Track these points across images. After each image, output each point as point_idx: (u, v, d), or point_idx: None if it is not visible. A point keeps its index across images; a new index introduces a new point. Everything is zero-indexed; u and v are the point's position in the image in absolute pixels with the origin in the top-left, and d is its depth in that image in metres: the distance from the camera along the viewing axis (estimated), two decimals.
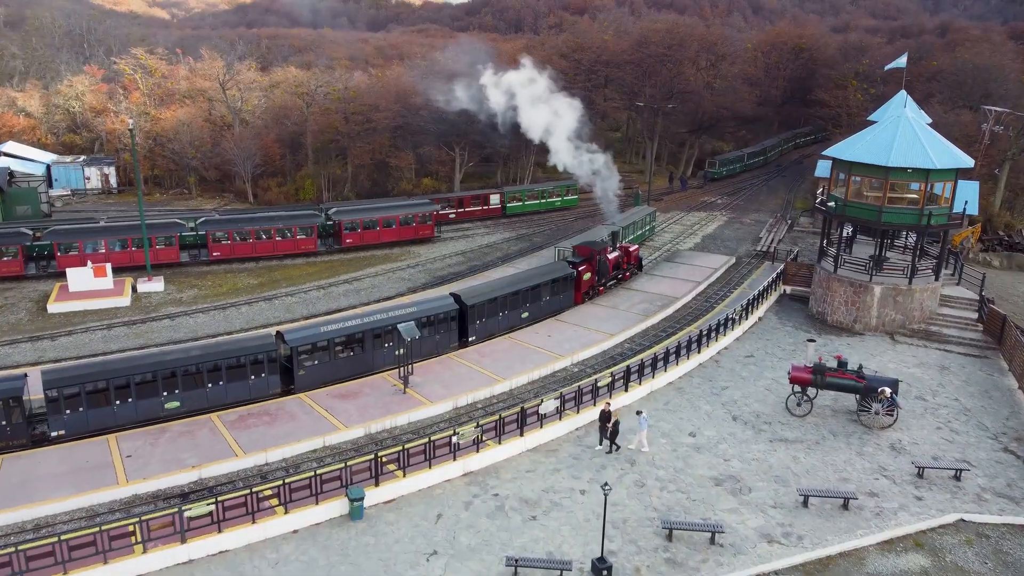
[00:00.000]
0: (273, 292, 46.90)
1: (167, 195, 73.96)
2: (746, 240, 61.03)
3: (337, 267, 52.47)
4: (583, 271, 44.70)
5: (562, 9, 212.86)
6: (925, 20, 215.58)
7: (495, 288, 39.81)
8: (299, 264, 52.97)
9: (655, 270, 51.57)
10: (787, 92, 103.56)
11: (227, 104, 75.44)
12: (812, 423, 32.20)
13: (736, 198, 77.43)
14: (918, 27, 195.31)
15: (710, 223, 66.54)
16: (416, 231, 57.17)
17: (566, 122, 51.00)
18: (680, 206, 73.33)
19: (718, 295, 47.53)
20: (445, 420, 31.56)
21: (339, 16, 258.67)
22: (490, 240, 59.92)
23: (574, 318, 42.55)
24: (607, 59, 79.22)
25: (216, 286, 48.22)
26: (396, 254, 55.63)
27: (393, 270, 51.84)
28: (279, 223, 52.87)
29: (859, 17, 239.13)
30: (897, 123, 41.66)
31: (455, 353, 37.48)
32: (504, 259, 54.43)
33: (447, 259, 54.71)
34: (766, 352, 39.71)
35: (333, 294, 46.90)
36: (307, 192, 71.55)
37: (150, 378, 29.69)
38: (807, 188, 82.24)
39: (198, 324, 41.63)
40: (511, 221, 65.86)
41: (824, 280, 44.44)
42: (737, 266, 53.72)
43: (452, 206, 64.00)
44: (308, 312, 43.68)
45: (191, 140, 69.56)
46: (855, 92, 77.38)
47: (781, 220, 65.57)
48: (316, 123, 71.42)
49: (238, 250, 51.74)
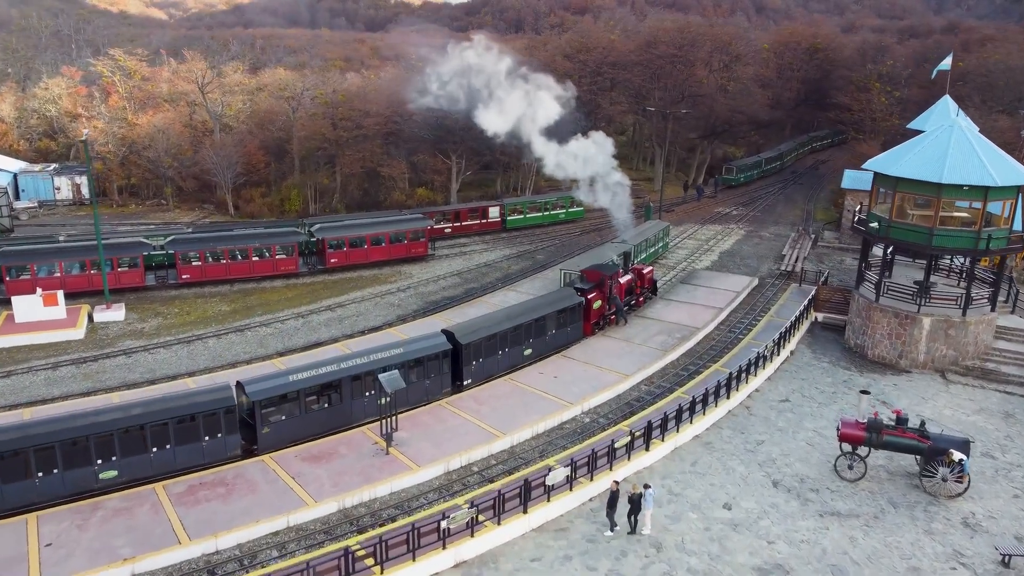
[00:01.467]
0: (246, 321, 41.98)
1: (143, 206, 69.07)
2: (767, 257, 56.08)
3: (319, 290, 47.56)
4: (593, 299, 39.79)
5: (563, 9, 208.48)
6: (932, 20, 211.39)
7: (493, 322, 34.88)
8: (278, 287, 48.05)
9: (671, 294, 46.65)
10: (800, 94, 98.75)
11: (207, 108, 70.48)
12: (866, 490, 27.29)
13: (752, 209, 72.51)
14: (926, 27, 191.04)
15: (727, 237, 61.59)
16: (408, 249, 52.25)
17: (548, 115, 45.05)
18: (693, 218, 68.38)
19: (743, 324, 42.61)
20: (435, 489, 26.65)
21: (337, 16, 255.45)
22: (489, 258, 55.00)
23: (583, 354, 37.62)
24: (614, 60, 74.34)
25: (183, 314, 43.31)
26: (386, 275, 50.71)
27: (381, 294, 46.92)
28: (256, 242, 47.97)
29: (864, 16, 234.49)
30: (949, 133, 36.76)
31: (447, 400, 32.56)
32: (504, 281, 49.53)
33: (441, 280, 49.80)
34: (803, 395, 34.80)
35: (313, 323, 41.99)
36: (293, 203, 66.66)
37: (81, 443, 24.79)
38: (827, 197, 77.48)
39: (157, 362, 36.70)
40: (512, 236, 60.95)
41: (864, 309, 39.53)
42: (761, 288, 48.82)
43: (448, 220, 59.10)
44: (283, 346, 38.78)
45: (167, 147, 64.63)
46: (879, 95, 72.47)
47: (804, 234, 60.65)
48: (303, 129, 66.54)
49: (210, 272, 46.85)
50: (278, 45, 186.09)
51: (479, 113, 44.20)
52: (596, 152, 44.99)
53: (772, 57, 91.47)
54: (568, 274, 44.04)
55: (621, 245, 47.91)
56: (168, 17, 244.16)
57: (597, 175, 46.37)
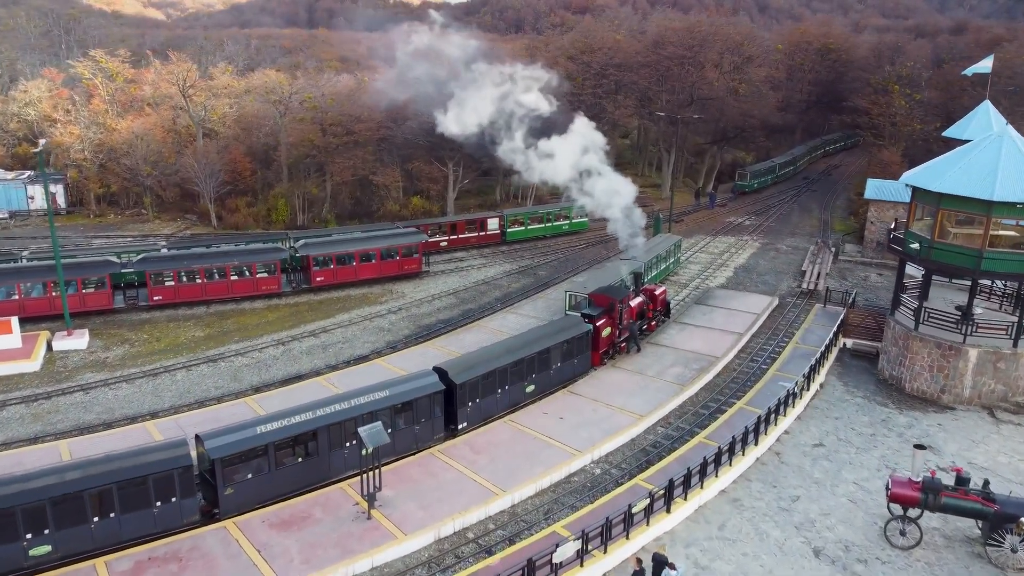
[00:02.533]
0: (220, 350, 38.23)
1: (123, 216, 65.38)
2: (786, 273, 52.34)
3: (303, 312, 43.83)
4: (602, 326, 36.07)
5: (563, 8, 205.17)
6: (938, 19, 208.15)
7: (492, 357, 31.13)
8: (258, 309, 44.31)
9: (686, 317, 42.90)
10: (812, 96, 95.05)
11: (189, 113, 66.73)
12: (922, 560, 23.56)
13: (766, 218, 68.74)
14: (933, 26, 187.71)
15: (741, 251, 57.81)
16: (400, 266, 48.50)
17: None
18: (704, 229, 64.62)
19: (766, 352, 38.87)
20: (423, 563, 22.90)
21: (336, 16, 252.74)
22: (487, 274, 51.25)
23: (592, 389, 33.88)
24: (620, 61, 70.57)
25: (153, 340, 39.57)
26: (376, 294, 46.97)
27: (371, 316, 43.18)
28: (235, 259, 44.23)
29: (869, 16, 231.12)
30: (999, 145, 33.01)
31: (440, 448, 28.82)
32: (504, 301, 45.83)
33: (436, 301, 46.06)
34: (838, 438, 31.06)
35: (294, 352, 38.23)
36: (280, 213, 62.95)
37: (6, 515, 21.06)
38: (844, 206, 73.82)
39: (118, 399, 32.96)
40: (512, 249, 57.21)
41: (901, 338, 35.79)
42: (782, 309, 45.08)
43: (443, 232, 55.37)
44: (259, 380, 35.03)
45: (146, 154, 60.88)
46: (898, 98, 68.72)
47: (824, 247, 56.89)
48: (291, 135, 62.81)
49: (184, 293, 43.12)
50: (273, 46, 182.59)
51: (440, 115, 40.27)
52: (576, 151, 40.90)
53: (783, 58, 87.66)
54: (574, 296, 40.31)
55: (631, 263, 44.14)
56: (166, 17, 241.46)
57: (586, 177, 42.72)
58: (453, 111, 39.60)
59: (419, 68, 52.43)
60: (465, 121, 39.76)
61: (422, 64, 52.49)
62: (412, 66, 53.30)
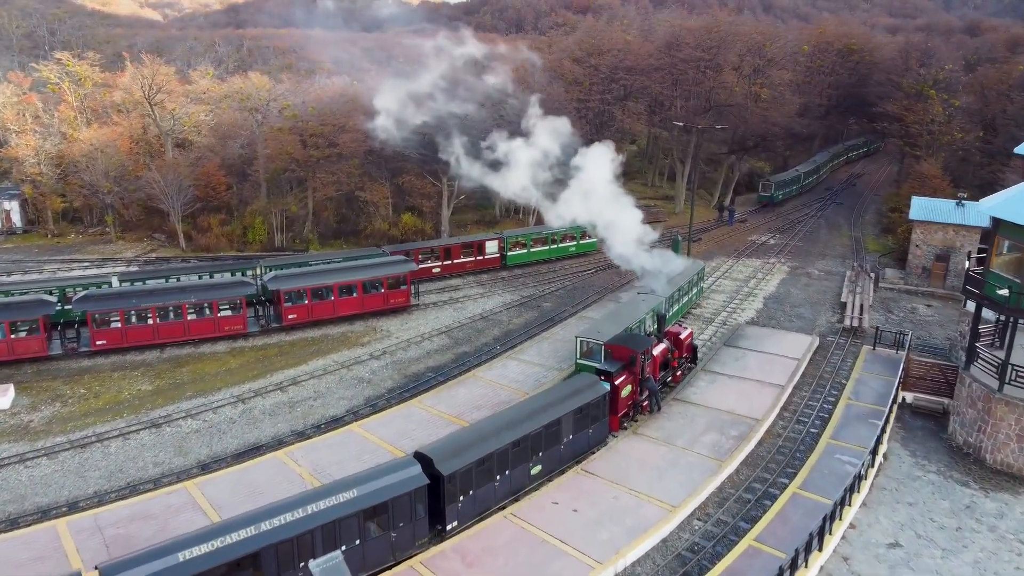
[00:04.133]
0: (168, 409, 32.26)
1: (85, 236, 59.48)
2: (823, 305, 46.34)
3: (272, 357, 37.86)
4: (621, 384, 30.14)
5: (564, 8, 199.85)
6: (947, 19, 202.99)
7: (488, 434, 25.14)
8: (220, 353, 38.33)
9: (715, 363, 36.89)
10: (831, 100, 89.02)
11: (156, 122, 60.77)
12: None
13: (792, 236, 62.69)
14: (945, 25, 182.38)
15: (769, 276, 51.80)
16: (385, 299, 42.54)
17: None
18: (725, 249, 58.60)
19: (813, 411, 32.88)
20: None
21: (334, 16, 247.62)
22: (485, 307, 45.27)
23: (611, 466, 27.88)
24: (630, 64, 64.60)
25: (91, 396, 33.62)
26: (357, 333, 40.99)
27: (349, 362, 37.19)
28: (193, 295, 38.25)
29: (876, 15, 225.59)
30: None
31: (423, 558, 22.83)
32: (504, 342, 39.88)
33: (426, 341, 40.08)
34: (917, 535, 25.07)
35: (255, 412, 32.25)
36: (257, 232, 57.00)
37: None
38: (874, 221, 67.84)
39: (33, 483, 26.99)
40: (513, 275, 51.23)
41: (980, 399, 29.83)
42: (824, 351, 39.11)
43: (436, 257, 49.40)
44: (208, 453, 29.08)
45: (107, 168, 54.92)
46: (936, 104, 62.70)
47: (862, 273, 50.89)
48: (268, 146, 56.86)
49: (133, 336, 37.17)
50: (267, 46, 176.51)
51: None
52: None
53: (806, 60, 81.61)
54: (586, 343, 34.30)
55: (651, 299, 38.26)
56: (163, 18, 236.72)
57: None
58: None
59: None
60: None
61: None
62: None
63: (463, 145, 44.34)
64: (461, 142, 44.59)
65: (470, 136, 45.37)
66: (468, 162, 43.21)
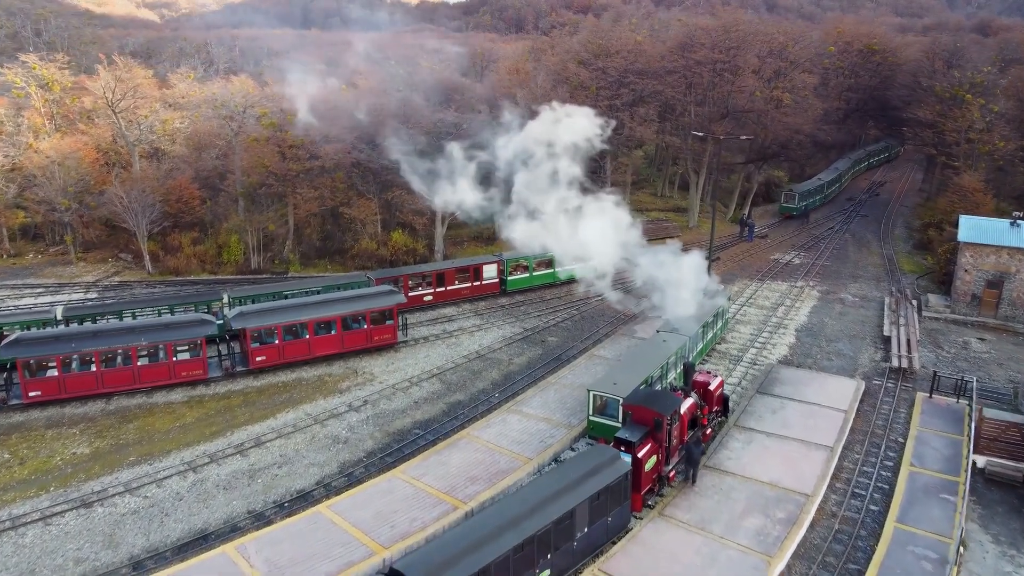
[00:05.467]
0: (105, 481, 27.13)
1: (45, 255, 54.34)
2: (863, 338, 41.17)
3: (235, 408, 32.71)
4: (646, 455, 25.02)
5: (564, 8, 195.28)
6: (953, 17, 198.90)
7: (483, 539, 19.98)
8: (176, 404, 33.17)
9: (749, 416, 31.72)
10: (850, 104, 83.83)
11: (120, 132, 55.61)
12: None
13: (818, 254, 57.46)
14: (954, 24, 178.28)
15: (798, 303, 46.63)
16: (369, 336, 37.37)
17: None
18: (747, 270, 53.39)
19: (869, 479, 27.73)
20: None
21: (332, 16, 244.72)
22: (483, 342, 40.11)
23: (635, 567, 22.67)
24: (642, 67, 59.44)
25: (14, 463, 28.46)
26: (335, 377, 35.82)
27: (324, 415, 32.03)
28: (144, 337, 33.08)
29: (882, 14, 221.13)
30: None
31: None
32: (504, 388, 34.76)
33: (414, 387, 34.92)
34: None
35: (208, 484, 27.10)
36: (232, 252, 51.92)
37: None
38: (904, 236, 62.72)
39: None
40: (514, 302, 46.09)
41: None
42: (871, 398, 33.99)
43: (428, 283, 44.27)
44: (146, 541, 23.96)
45: (66, 183, 49.79)
46: (974, 110, 57.51)
47: (903, 300, 45.76)
48: (245, 158, 51.75)
49: (73, 385, 32.05)
50: (260, 47, 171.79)
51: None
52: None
53: (831, 61, 76.36)
54: (599, 396, 29.16)
55: (673, 339, 33.14)
56: (159, 18, 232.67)
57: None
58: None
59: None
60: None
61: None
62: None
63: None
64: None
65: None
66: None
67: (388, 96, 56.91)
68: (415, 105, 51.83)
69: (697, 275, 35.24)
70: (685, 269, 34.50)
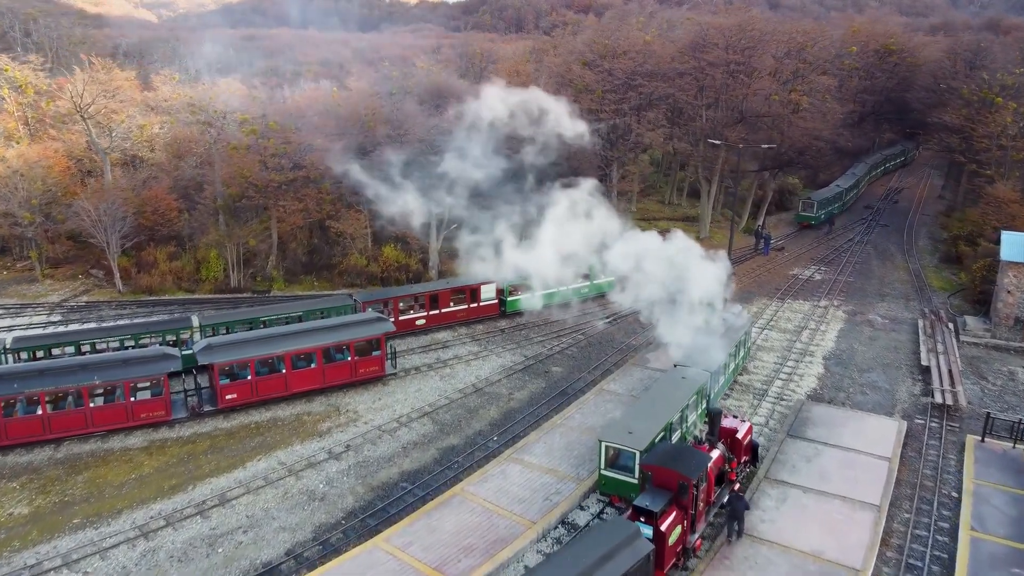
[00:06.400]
0: (41, 552, 23.41)
1: (11, 271, 50.61)
2: (898, 367, 37.47)
3: (201, 455, 29.01)
4: (670, 526, 21.35)
5: (565, 7, 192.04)
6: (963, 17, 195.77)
7: None
8: (133, 449, 29.48)
9: (782, 467, 27.97)
10: (867, 107, 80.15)
11: (91, 139, 51.90)
12: None
13: (839, 269, 53.74)
14: (962, 23, 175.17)
15: (823, 325, 42.93)
16: (353, 369, 33.67)
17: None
18: (764, 287, 49.69)
19: (925, 549, 24.01)
20: None
21: (330, 16, 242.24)
22: (480, 373, 36.42)
23: None
24: (651, 69, 55.77)
25: None
26: (315, 417, 32.12)
27: (300, 464, 28.34)
28: (97, 374, 29.37)
29: (887, 13, 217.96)
30: None
31: None
32: (504, 428, 31.11)
33: (403, 428, 31.22)
34: None
35: (159, 555, 23.38)
36: (211, 269, 48.29)
37: None
38: (928, 248, 59.06)
39: None
40: (514, 325, 42.42)
41: None
42: (915, 442, 30.32)
43: (420, 307, 40.57)
44: None
45: (28, 196, 46.13)
46: (1006, 114, 53.79)
47: (938, 322, 42.08)
48: (226, 167, 48.09)
49: (16, 431, 28.36)
50: (257, 47, 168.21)
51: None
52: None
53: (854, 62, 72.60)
54: (611, 448, 25.48)
55: (694, 376, 29.46)
56: (157, 18, 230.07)
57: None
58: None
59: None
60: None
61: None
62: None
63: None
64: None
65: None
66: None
67: (380, 99, 53.43)
68: (407, 111, 48.21)
69: (719, 290, 31.73)
70: (707, 280, 30.90)
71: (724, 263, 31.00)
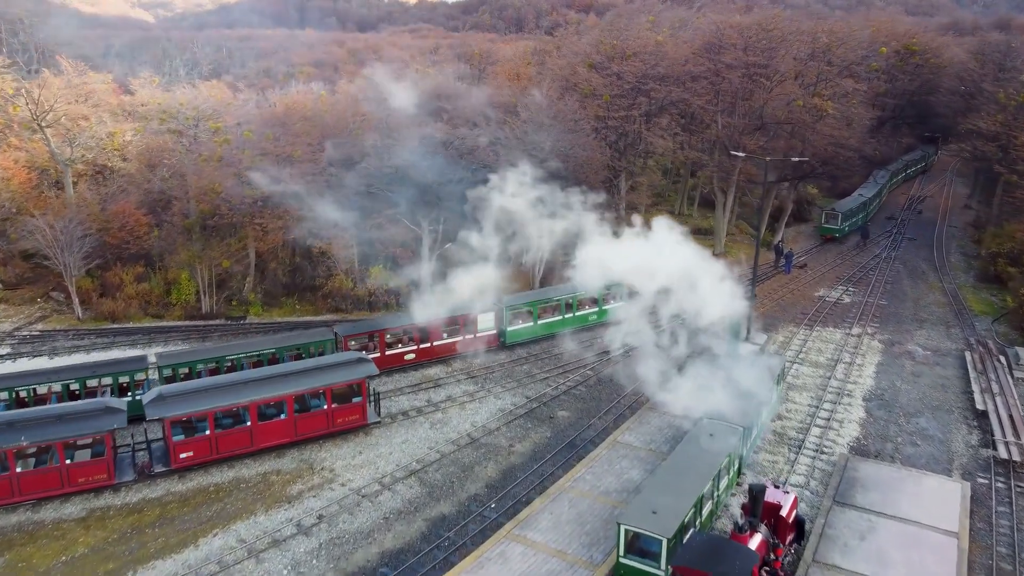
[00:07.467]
0: None
1: None
2: (950, 411, 33.15)
3: (147, 528, 24.70)
4: None
5: (565, 7, 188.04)
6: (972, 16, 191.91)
7: None
8: (70, 521, 25.16)
9: (831, 546, 23.61)
10: (888, 111, 75.74)
11: (50, 149, 47.56)
12: None
13: (869, 290, 49.36)
14: (971, 23, 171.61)
15: (859, 358, 38.55)
16: (330, 419, 29.35)
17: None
18: (788, 311, 45.33)
19: None
20: None
21: (328, 16, 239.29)
22: (477, 419, 32.10)
23: None
24: (663, 72, 51.45)
25: None
26: (285, 476, 27.78)
27: (262, 541, 24.02)
28: (26, 435, 25.02)
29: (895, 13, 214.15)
30: None
31: None
32: (502, 492, 26.81)
33: (387, 492, 26.91)
34: None
35: None
36: (183, 291, 44.03)
37: None
38: (962, 265, 54.74)
39: None
40: (514, 359, 38.06)
41: None
42: (982, 507, 26.05)
43: (410, 340, 36.23)
44: None
45: None
46: None
47: (987, 353, 37.77)
48: (196, 181, 43.77)
49: None
50: (251, 48, 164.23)
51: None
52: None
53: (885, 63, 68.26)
54: (630, 531, 21.16)
55: (726, 436, 25.17)
56: (153, 19, 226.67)
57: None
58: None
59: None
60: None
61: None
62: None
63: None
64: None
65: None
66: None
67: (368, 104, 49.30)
68: (398, 118, 44.02)
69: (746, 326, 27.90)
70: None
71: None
